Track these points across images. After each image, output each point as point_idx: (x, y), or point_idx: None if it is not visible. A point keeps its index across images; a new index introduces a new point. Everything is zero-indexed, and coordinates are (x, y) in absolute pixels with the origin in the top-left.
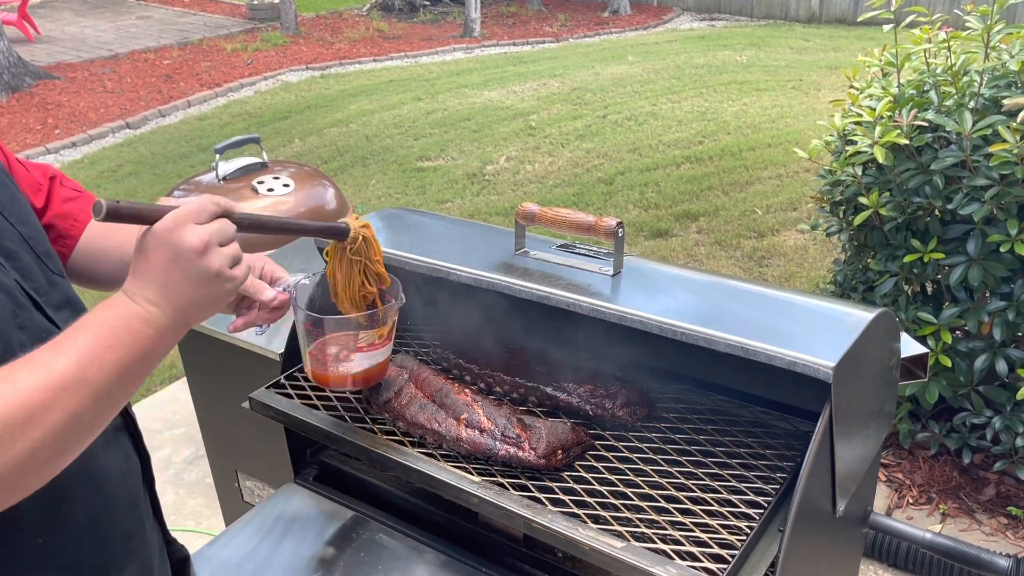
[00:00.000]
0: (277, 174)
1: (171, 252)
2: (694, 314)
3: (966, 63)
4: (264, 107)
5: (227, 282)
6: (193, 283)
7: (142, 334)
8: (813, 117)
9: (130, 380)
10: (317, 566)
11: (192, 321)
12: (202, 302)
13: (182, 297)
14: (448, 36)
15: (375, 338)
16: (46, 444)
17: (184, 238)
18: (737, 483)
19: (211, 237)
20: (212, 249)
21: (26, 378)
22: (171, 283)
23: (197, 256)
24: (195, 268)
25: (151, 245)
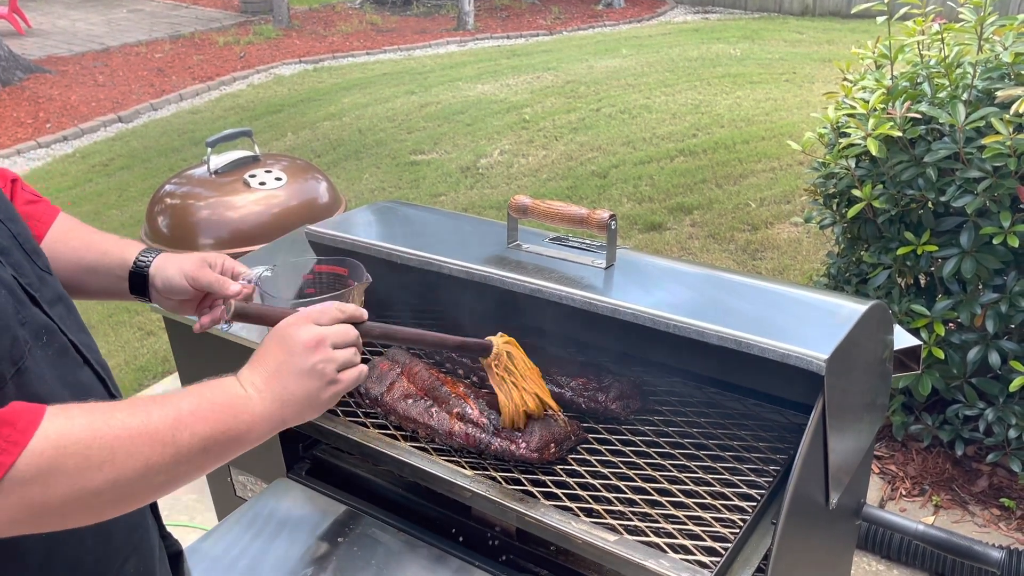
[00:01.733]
0: (269, 167)
1: (286, 346)
2: (687, 307)
3: (959, 55)
4: (257, 101)
5: (331, 384)
6: (300, 379)
7: (238, 417)
8: (807, 110)
9: (213, 456)
10: (310, 561)
11: (289, 418)
12: (303, 398)
13: (286, 390)
14: (441, 29)
15: None
16: (114, 488)
17: (299, 334)
18: (730, 476)
19: (325, 337)
20: (323, 348)
21: (123, 419)
22: (280, 375)
23: (308, 352)
24: (304, 364)
25: (270, 339)
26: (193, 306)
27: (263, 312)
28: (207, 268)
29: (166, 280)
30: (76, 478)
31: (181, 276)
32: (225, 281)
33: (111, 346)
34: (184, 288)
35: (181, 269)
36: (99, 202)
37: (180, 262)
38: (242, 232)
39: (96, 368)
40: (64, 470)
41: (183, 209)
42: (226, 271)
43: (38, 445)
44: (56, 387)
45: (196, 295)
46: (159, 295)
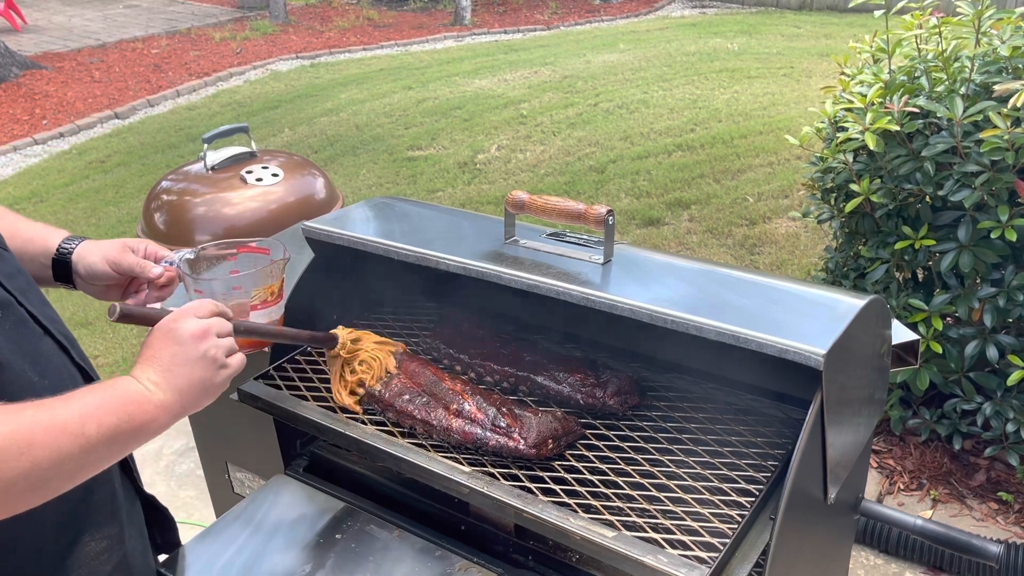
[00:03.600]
0: (266, 163)
1: (174, 339)
2: (684, 302)
3: (957, 49)
4: (254, 96)
5: (223, 368)
6: (192, 366)
7: (142, 408)
8: (804, 104)
9: (120, 445)
10: (308, 557)
11: (188, 405)
12: (200, 385)
13: (181, 379)
14: (439, 24)
15: (267, 295)
16: (31, 477)
17: (185, 326)
18: (728, 471)
19: (210, 327)
20: (210, 337)
21: (32, 415)
22: (173, 367)
23: (197, 341)
24: (194, 352)
25: (157, 336)
26: (118, 291)
27: (147, 314)
28: (129, 252)
29: (88, 267)
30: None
31: (103, 262)
32: (147, 264)
33: (108, 343)
34: (107, 273)
35: (103, 255)
36: (96, 199)
37: (102, 248)
38: (239, 228)
39: (58, 338)
40: None
41: (180, 205)
42: (149, 255)
43: None
44: (13, 357)
45: (120, 280)
46: (83, 281)
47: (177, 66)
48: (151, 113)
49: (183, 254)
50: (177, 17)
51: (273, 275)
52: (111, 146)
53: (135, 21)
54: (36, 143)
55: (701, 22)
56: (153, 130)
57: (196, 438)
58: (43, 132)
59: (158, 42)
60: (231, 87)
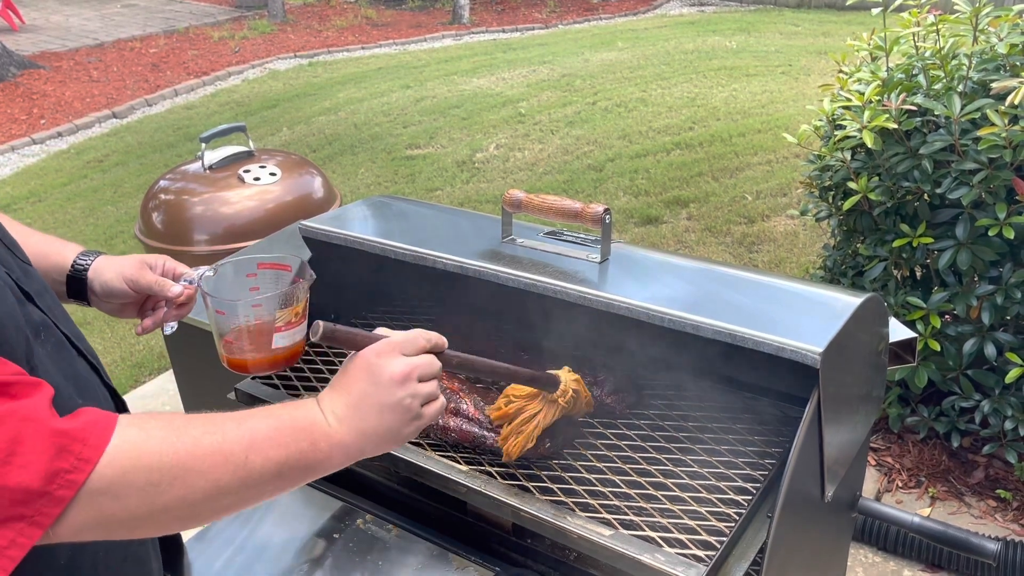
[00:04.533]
0: (264, 163)
1: (373, 377)
2: (681, 300)
3: (955, 46)
4: (252, 96)
5: (415, 419)
6: (382, 412)
7: (315, 444)
8: (803, 102)
9: (283, 482)
10: (306, 556)
11: (368, 450)
12: (385, 433)
13: (367, 422)
14: (437, 23)
15: (291, 317)
16: (182, 505)
17: (387, 365)
18: (725, 470)
19: (413, 370)
20: (411, 382)
21: (197, 436)
22: (363, 407)
23: (395, 386)
24: (389, 398)
25: (355, 367)
26: (135, 309)
27: (352, 335)
28: (147, 270)
29: (104, 284)
30: (146, 494)
31: (120, 279)
32: (166, 283)
33: (107, 342)
34: (124, 291)
35: (120, 272)
36: (94, 198)
37: (119, 265)
38: (236, 228)
39: (89, 358)
40: (135, 485)
41: (177, 205)
42: (167, 272)
43: (110, 459)
44: (60, 381)
45: (137, 298)
46: (98, 299)
47: (175, 65)
48: (149, 112)
49: (202, 271)
50: (175, 16)
51: (298, 296)
52: (109, 145)
53: (133, 20)
54: (34, 143)
55: (699, 20)
56: (151, 129)
57: None
58: (41, 132)
59: (156, 41)
60: (229, 86)
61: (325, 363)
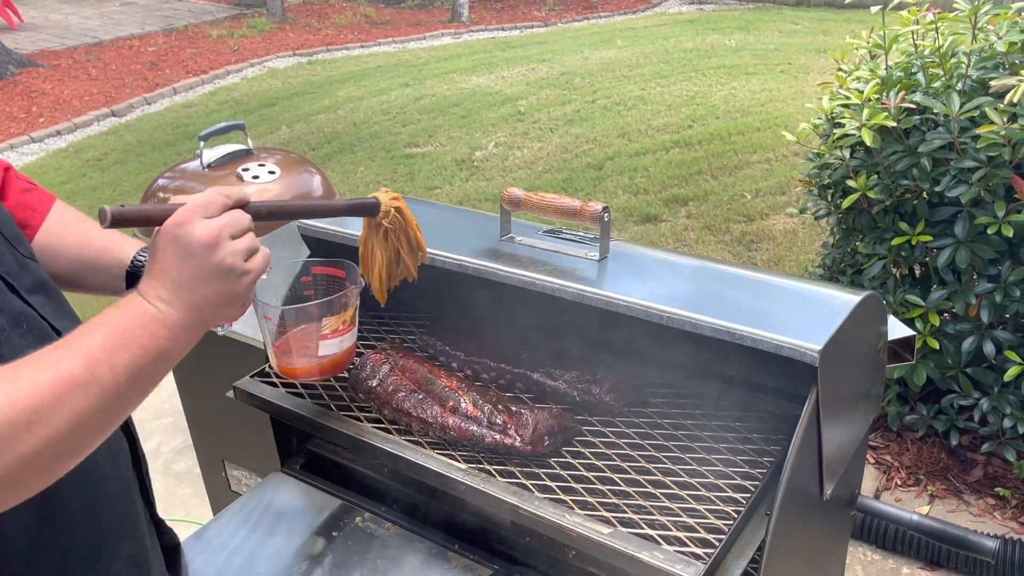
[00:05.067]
0: (263, 161)
1: (182, 248)
2: (680, 298)
3: (954, 44)
4: (251, 94)
5: (243, 275)
6: (207, 279)
7: (155, 335)
8: (802, 100)
9: (143, 382)
10: (305, 555)
11: (209, 320)
12: (217, 299)
13: (196, 294)
14: (436, 21)
15: (339, 324)
16: (52, 444)
17: (193, 233)
18: (724, 467)
19: (221, 230)
20: (224, 242)
21: (31, 376)
22: (184, 281)
23: (208, 251)
24: (208, 264)
25: (162, 243)
26: None
27: (145, 212)
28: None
29: None
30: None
31: None
32: None
33: None
34: None
35: None
36: (93, 197)
37: None
38: None
39: None
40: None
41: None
42: None
43: None
44: None
45: None
46: None
47: (174, 64)
48: (148, 111)
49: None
50: (174, 15)
51: (348, 303)
52: (108, 144)
53: (131, 19)
54: (33, 141)
55: (699, 18)
56: (150, 128)
57: (193, 436)
58: (40, 130)
59: (155, 40)
60: (228, 84)
61: None
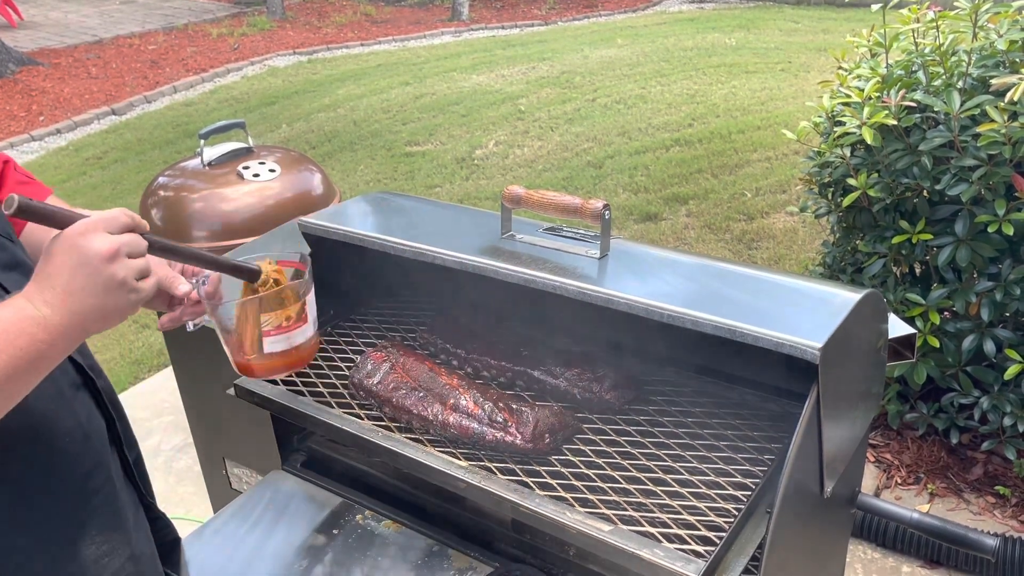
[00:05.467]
0: (263, 159)
1: (78, 257)
2: (681, 296)
3: (954, 43)
4: (251, 92)
5: (131, 293)
6: (96, 290)
7: (35, 338)
8: (802, 99)
9: (19, 381)
10: (305, 552)
11: (90, 329)
12: (102, 311)
13: (82, 304)
14: (436, 20)
15: (281, 320)
16: None
17: (93, 244)
18: (725, 465)
19: (121, 247)
20: (120, 259)
21: None
22: (73, 288)
23: (104, 263)
24: (101, 275)
25: (59, 249)
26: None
27: (51, 212)
28: (166, 264)
29: None
30: None
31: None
32: (176, 279)
33: (107, 339)
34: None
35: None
36: (93, 195)
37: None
38: (236, 224)
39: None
40: None
41: (177, 201)
42: (185, 270)
43: None
44: None
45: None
46: None
47: (174, 62)
48: (148, 109)
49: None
50: (174, 13)
51: (285, 300)
52: (108, 142)
53: (132, 17)
54: (33, 139)
55: (699, 17)
56: (150, 126)
57: (193, 434)
58: (40, 128)
59: (155, 38)
60: (228, 83)
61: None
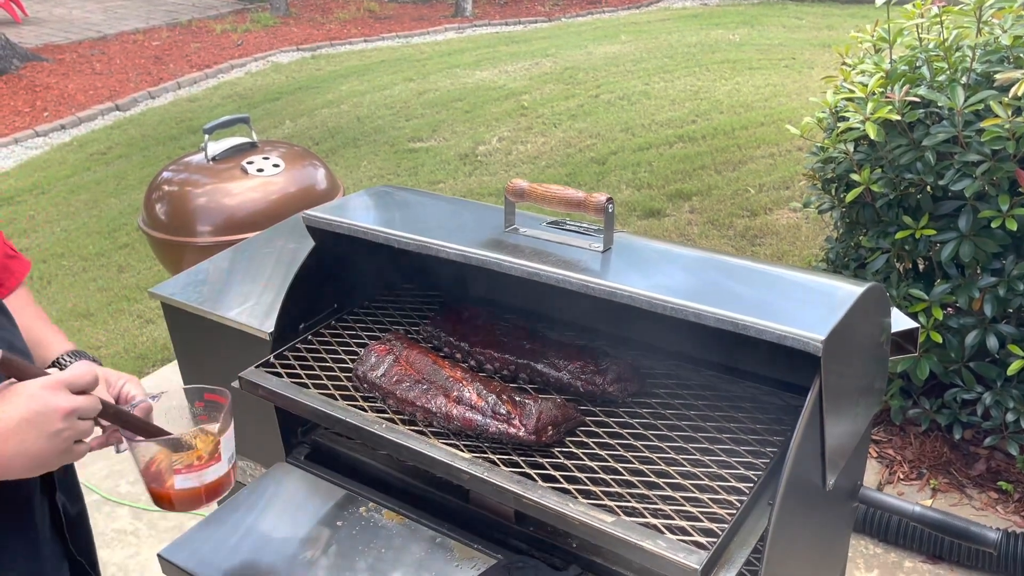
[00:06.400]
0: (267, 154)
1: (38, 405)
2: (684, 289)
3: (958, 38)
4: (255, 88)
5: (65, 453)
6: (40, 438)
7: None
8: (806, 95)
9: None
10: (309, 544)
11: (14, 471)
12: (35, 457)
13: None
14: (439, 16)
15: (193, 460)
16: None
17: (55, 399)
18: (727, 458)
19: (78, 408)
20: (72, 418)
21: None
22: (21, 430)
23: (59, 418)
24: (49, 427)
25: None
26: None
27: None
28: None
29: None
30: None
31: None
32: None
33: (110, 334)
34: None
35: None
36: (97, 191)
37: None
38: (239, 219)
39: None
40: None
41: (181, 196)
42: (122, 396)
43: None
44: None
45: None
46: None
47: (178, 58)
48: (152, 105)
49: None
50: (178, 9)
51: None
52: (112, 138)
53: (135, 13)
54: (37, 135)
55: (703, 13)
56: (154, 122)
57: None
58: (44, 124)
59: (159, 34)
60: (232, 79)
61: (329, 352)
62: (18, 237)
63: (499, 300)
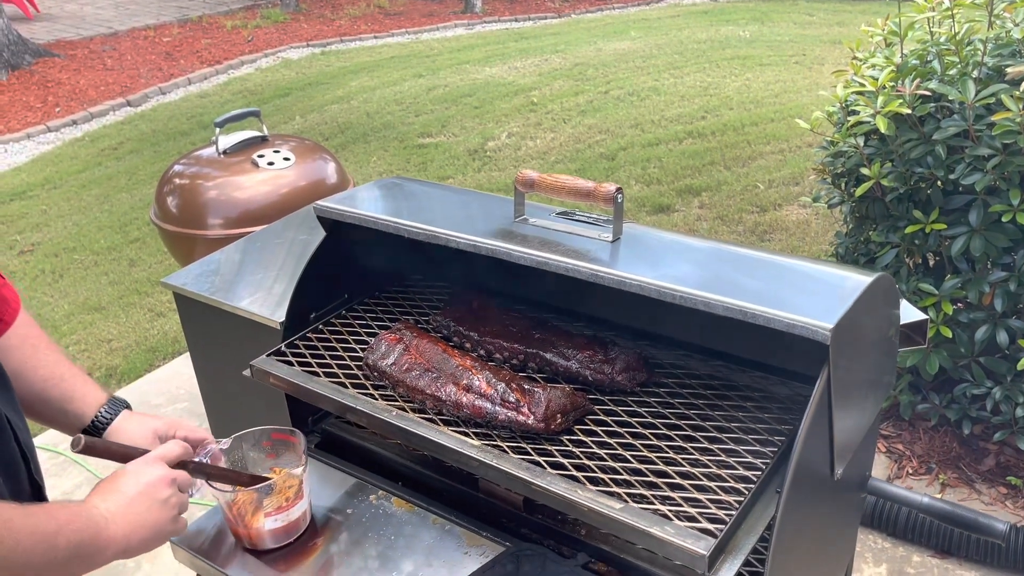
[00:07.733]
0: (277, 148)
1: (143, 479)
2: (693, 279)
3: (970, 32)
4: (265, 84)
5: (175, 521)
6: (151, 509)
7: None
8: (816, 91)
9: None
10: (320, 532)
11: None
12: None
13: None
14: (449, 12)
15: (281, 502)
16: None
17: (155, 470)
18: (736, 446)
19: (177, 477)
20: (175, 486)
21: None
22: (135, 504)
23: (164, 486)
24: (158, 496)
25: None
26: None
27: (116, 450)
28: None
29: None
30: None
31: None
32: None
33: (122, 327)
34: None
35: (154, 430)
36: (108, 185)
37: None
38: (250, 212)
39: (23, 448)
40: None
41: (192, 189)
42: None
43: None
44: None
45: None
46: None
47: (188, 54)
48: (163, 100)
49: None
50: (188, 5)
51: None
52: (123, 133)
53: (146, 9)
54: (49, 130)
55: (713, 10)
56: (165, 117)
57: (208, 416)
58: (56, 119)
59: (170, 30)
60: (242, 75)
61: (340, 342)
62: (30, 232)
63: (509, 289)
